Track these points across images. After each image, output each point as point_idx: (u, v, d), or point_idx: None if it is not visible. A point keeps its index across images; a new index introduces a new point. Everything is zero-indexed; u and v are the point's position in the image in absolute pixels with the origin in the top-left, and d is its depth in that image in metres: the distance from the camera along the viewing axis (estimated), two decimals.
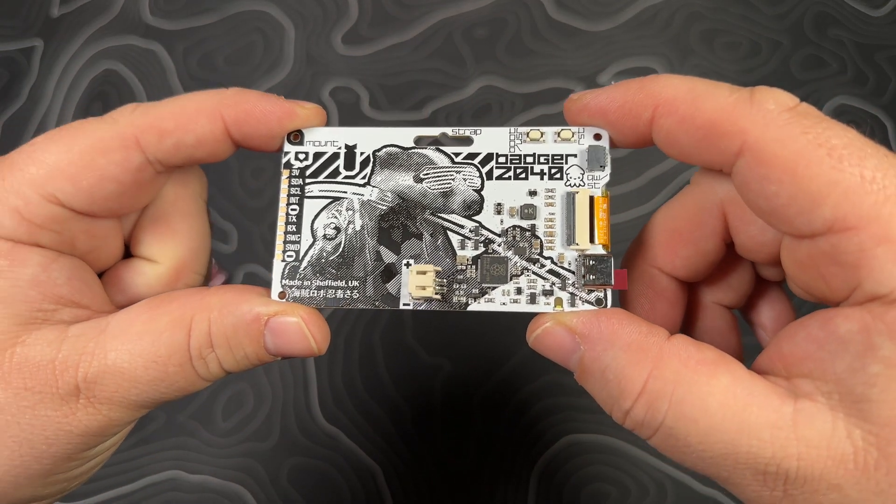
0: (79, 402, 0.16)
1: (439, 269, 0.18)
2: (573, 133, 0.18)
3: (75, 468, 0.18)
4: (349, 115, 0.43)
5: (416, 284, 0.18)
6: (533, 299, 0.18)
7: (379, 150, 0.20)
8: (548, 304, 0.17)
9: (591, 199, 0.18)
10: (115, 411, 0.17)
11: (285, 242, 0.19)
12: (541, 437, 0.38)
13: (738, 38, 0.44)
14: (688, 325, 0.20)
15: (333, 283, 0.19)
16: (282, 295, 0.19)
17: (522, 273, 0.18)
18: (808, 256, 0.14)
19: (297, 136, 0.20)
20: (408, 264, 0.19)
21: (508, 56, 0.43)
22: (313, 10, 0.44)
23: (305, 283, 0.19)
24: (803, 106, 0.14)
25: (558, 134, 0.19)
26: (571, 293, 0.17)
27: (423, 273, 0.18)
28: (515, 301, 0.18)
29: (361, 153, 0.20)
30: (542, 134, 0.19)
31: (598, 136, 0.18)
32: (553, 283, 0.18)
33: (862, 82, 0.43)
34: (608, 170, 0.18)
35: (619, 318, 0.16)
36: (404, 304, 0.18)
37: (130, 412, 0.17)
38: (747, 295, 0.20)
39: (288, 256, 0.19)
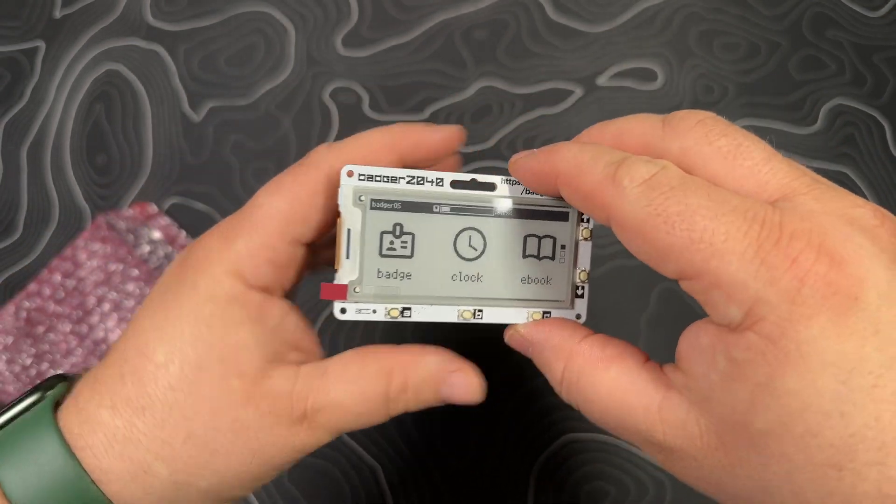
0: (303, 425, 0.21)
1: None
2: None
3: (269, 478, 0.22)
4: (350, 116, 0.43)
5: None
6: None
7: None
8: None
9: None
10: (323, 435, 0.22)
11: None
12: (540, 435, 0.38)
13: (737, 39, 0.44)
14: None
15: None
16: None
17: None
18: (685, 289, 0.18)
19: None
20: None
21: (508, 57, 0.44)
22: (314, 12, 0.45)
23: None
24: (657, 176, 0.17)
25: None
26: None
27: None
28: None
29: None
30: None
31: None
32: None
33: (860, 83, 0.43)
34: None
35: (553, 327, 0.21)
36: None
37: (330, 436, 0.22)
38: None
39: None
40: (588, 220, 0.22)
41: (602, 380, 0.19)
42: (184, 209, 0.42)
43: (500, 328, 0.23)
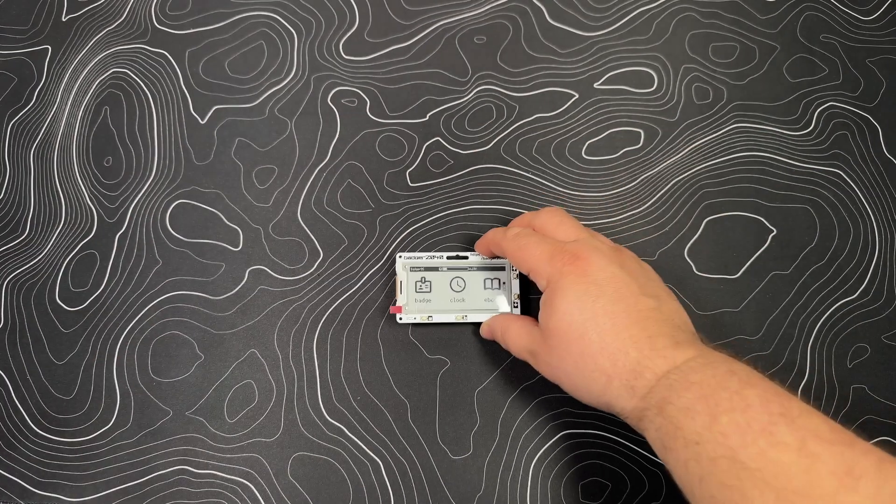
0: None
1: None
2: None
3: None
4: (352, 120, 0.44)
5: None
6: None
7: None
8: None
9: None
10: None
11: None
12: (539, 432, 0.39)
13: (732, 43, 0.45)
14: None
15: None
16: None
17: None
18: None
19: None
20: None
21: (507, 62, 0.44)
22: (316, 17, 0.45)
23: None
24: (519, 233, 0.36)
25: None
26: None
27: None
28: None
29: None
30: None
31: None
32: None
33: (854, 86, 0.44)
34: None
35: (499, 317, 0.38)
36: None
37: None
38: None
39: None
40: (515, 269, 0.40)
41: (514, 326, 0.36)
42: (189, 210, 0.43)
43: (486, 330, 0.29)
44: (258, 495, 0.38)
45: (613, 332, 0.30)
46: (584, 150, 0.43)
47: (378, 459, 0.39)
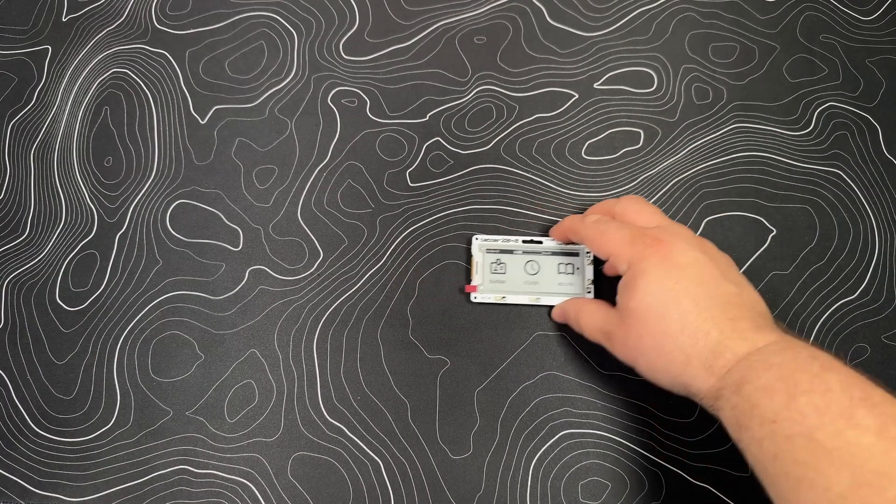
0: None
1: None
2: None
3: None
4: (352, 120, 0.44)
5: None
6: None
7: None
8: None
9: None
10: None
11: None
12: (538, 431, 0.39)
13: (732, 43, 0.45)
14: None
15: None
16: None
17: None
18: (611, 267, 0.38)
19: None
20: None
21: (507, 62, 0.44)
22: (316, 17, 0.45)
23: None
24: (598, 219, 0.36)
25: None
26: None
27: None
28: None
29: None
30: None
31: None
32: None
33: (853, 86, 0.44)
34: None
35: (573, 300, 0.39)
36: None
37: None
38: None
39: None
40: (589, 254, 0.41)
41: (588, 308, 0.37)
42: (189, 210, 0.43)
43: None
44: (258, 495, 0.38)
45: (695, 312, 0.31)
46: (584, 150, 0.43)
47: (378, 459, 0.39)
